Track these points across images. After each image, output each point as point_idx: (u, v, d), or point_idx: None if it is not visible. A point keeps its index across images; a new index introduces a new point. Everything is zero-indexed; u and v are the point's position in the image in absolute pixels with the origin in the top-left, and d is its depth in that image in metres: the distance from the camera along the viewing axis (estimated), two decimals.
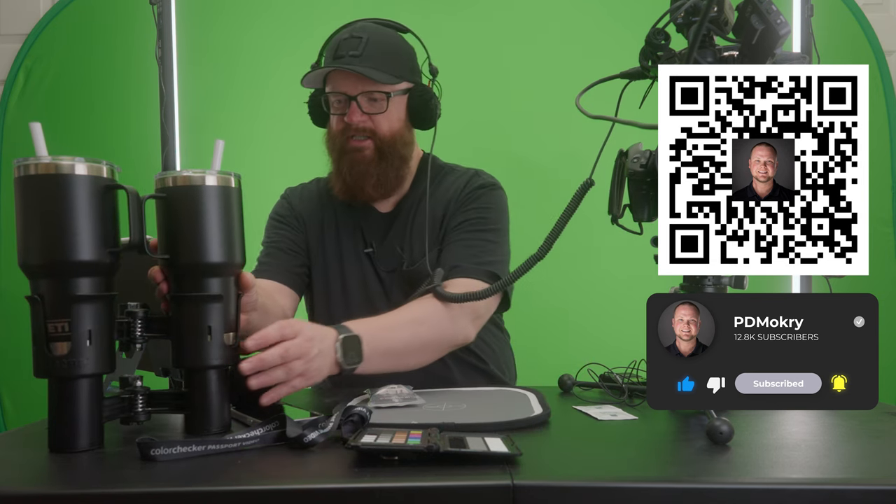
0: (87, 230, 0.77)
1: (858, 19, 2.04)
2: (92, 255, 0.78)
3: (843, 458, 0.82)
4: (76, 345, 0.78)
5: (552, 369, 1.41)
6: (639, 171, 1.03)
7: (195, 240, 0.83)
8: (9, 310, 2.11)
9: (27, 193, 0.79)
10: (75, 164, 0.78)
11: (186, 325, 0.85)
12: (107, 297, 0.80)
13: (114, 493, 0.69)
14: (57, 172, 0.77)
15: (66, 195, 0.77)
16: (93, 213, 0.78)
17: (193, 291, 0.84)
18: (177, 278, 0.85)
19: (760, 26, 0.91)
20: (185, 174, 0.83)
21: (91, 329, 0.79)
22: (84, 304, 0.78)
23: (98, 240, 0.78)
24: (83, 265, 0.78)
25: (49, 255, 0.78)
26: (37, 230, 0.78)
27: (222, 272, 0.85)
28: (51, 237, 0.77)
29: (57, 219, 0.77)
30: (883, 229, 2.05)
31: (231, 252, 0.84)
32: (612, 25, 2.03)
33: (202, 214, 0.82)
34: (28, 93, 2.12)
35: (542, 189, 1.85)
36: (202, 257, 0.83)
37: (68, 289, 0.78)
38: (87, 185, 0.78)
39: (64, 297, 0.78)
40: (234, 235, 0.84)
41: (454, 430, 0.84)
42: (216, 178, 0.83)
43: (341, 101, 1.36)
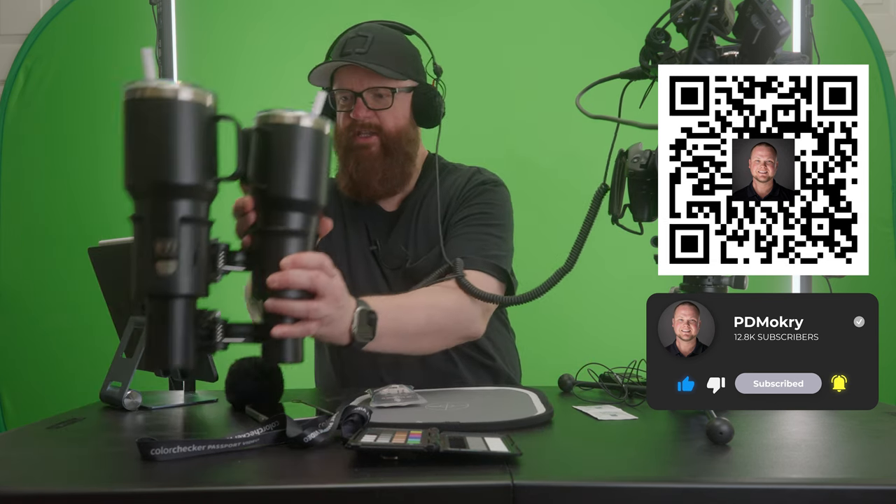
0: (195, 155, 0.80)
1: (858, 19, 2.04)
2: (198, 179, 0.80)
3: (843, 458, 0.82)
4: (181, 264, 0.80)
5: (552, 369, 1.41)
6: (639, 171, 1.03)
7: (288, 175, 0.85)
8: (9, 309, 2.11)
9: (136, 116, 0.80)
10: (182, 89, 0.79)
11: (269, 258, 0.87)
12: (208, 222, 0.84)
13: (114, 493, 0.69)
14: (169, 97, 0.79)
15: (177, 119, 0.79)
16: (200, 140, 0.81)
17: (279, 225, 0.86)
18: (264, 211, 0.87)
19: (760, 26, 0.91)
20: (288, 113, 0.86)
21: (194, 251, 0.81)
22: (188, 226, 0.81)
23: (204, 165, 0.81)
24: (190, 189, 0.80)
25: (159, 176, 0.79)
26: (147, 152, 0.80)
27: (308, 209, 0.87)
28: (162, 159, 0.79)
29: (168, 142, 0.79)
30: (883, 229, 2.05)
31: (318, 191, 0.87)
32: (612, 25, 2.03)
33: (297, 151, 0.85)
34: (28, 93, 2.12)
35: (542, 189, 1.85)
36: (292, 192, 0.85)
37: (174, 211, 0.80)
38: (195, 112, 0.80)
39: (170, 218, 0.80)
40: (322, 177, 0.87)
41: (454, 430, 0.84)
42: (312, 122, 0.86)
43: (347, 98, 1.37)
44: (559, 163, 2.03)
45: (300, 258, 0.86)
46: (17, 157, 2.12)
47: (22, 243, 2.12)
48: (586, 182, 1.20)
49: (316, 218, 0.89)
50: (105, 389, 1.15)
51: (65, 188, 2.11)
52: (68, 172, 2.11)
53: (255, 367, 1.08)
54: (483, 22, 2.05)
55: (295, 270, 0.86)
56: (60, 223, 2.10)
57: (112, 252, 1.26)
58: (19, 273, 2.11)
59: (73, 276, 2.01)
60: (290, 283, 0.87)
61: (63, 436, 0.95)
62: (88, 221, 2.08)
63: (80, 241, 1.52)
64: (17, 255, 2.11)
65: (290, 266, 0.86)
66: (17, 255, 2.11)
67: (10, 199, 2.12)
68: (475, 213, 1.37)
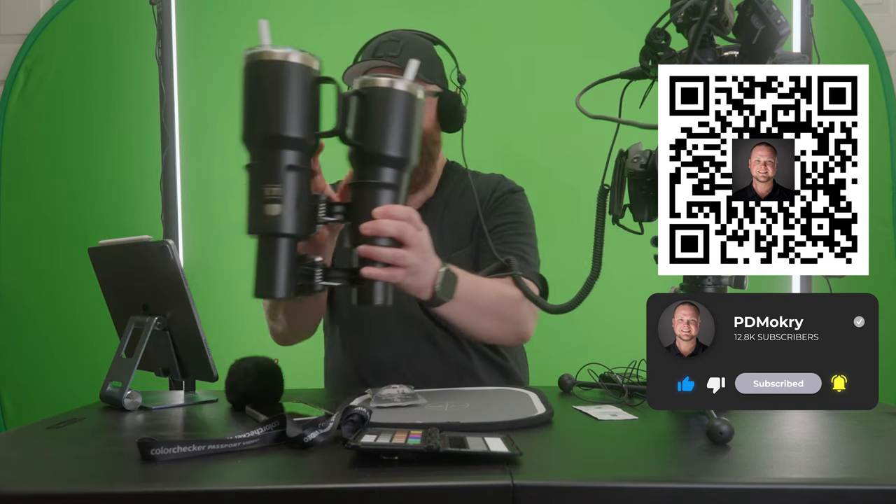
0: (300, 111, 0.91)
1: (858, 19, 2.04)
2: (303, 133, 0.91)
3: (843, 458, 0.82)
4: (286, 207, 0.92)
5: (552, 369, 1.41)
6: (639, 171, 1.03)
7: (382, 133, 0.95)
8: (9, 309, 2.11)
9: (252, 76, 0.93)
10: (291, 53, 0.91)
11: (363, 208, 0.96)
12: (310, 171, 0.95)
13: (114, 493, 0.69)
14: (280, 59, 0.91)
15: (286, 79, 0.91)
16: (305, 98, 0.92)
17: (373, 178, 0.96)
18: (360, 167, 0.97)
19: (760, 26, 0.91)
20: (386, 78, 0.96)
21: (297, 196, 0.92)
22: (293, 174, 0.92)
23: (308, 121, 0.92)
24: (295, 141, 0.91)
25: (270, 129, 0.91)
26: (260, 108, 0.93)
27: (399, 165, 0.97)
28: (274, 114, 0.91)
29: (279, 98, 0.91)
30: (883, 229, 2.06)
31: (409, 149, 0.97)
32: (612, 25, 2.03)
33: (390, 112, 0.95)
34: (28, 93, 2.12)
35: (542, 189, 1.85)
36: (385, 149, 0.95)
37: (282, 160, 0.91)
38: (302, 73, 0.92)
39: (279, 166, 0.91)
40: (413, 137, 0.97)
41: (454, 430, 0.84)
42: (406, 86, 0.96)
43: None
44: (560, 162, 2.03)
45: (390, 209, 0.96)
46: (17, 157, 2.12)
47: (22, 243, 2.12)
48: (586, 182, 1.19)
49: (407, 174, 0.98)
50: (105, 389, 1.15)
51: (65, 188, 2.11)
52: (68, 172, 2.11)
53: (255, 367, 1.08)
54: (483, 22, 2.05)
55: (385, 220, 0.95)
56: (61, 223, 2.10)
57: (112, 252, 1.26)
58: (19, 273, 2.11)
59: (73, 276, 2.02)
60: (381, 230, 0.96)
61: (63, 436, 0.95)
62: (89, 221, 2.08)
63: (80, 241, 1.52)
64: (17, 255, 2.11)
65: (382, 216, 0.95)
66: (18, 255, 2.11)
67: (10, 199, 2.12)
68: (509, 221, 1.42)
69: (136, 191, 2.08)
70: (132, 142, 2.09)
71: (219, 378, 1.15)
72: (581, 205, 1.85)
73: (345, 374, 1.44)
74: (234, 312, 2.03)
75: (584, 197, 1.13)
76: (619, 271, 1.90)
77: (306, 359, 1.50)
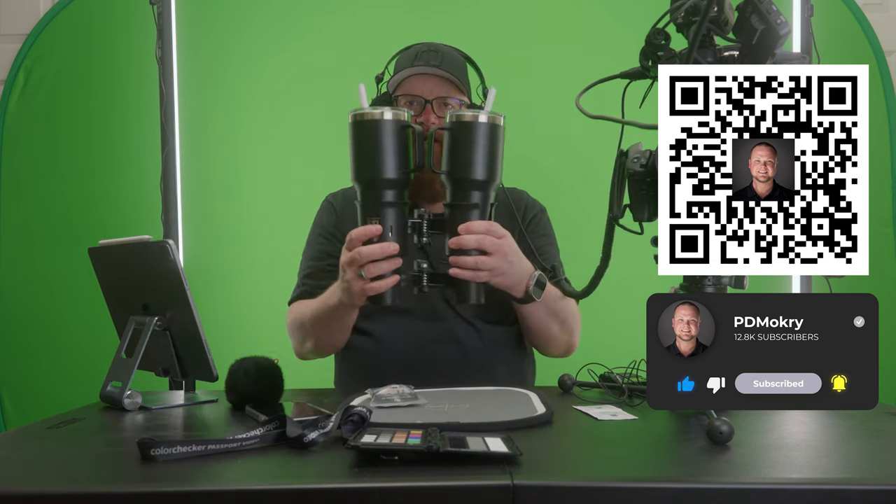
0: (392, 157, 1.13)
1: (858, 19, 2.03)
2: (396, 174, 1.14)
3: (843, 458, 0.82)
4: (384, 235, 1.15)
5: (552, 369, 1.41)
6: (639, 171, 1.03)
7: (469, 160, 1.14)
8: (9, 309, 2.11)
9: (357, 134, 1.14)
10: (385, 111, 1.14)
11: (453, 225, 1.16)
12: (403, 204, 1.16)
13: (114, 493, 0.69)
14: (378, 118, 1.13)
15: (381, 135, 1.13)
16: (396, 145, 1.13)
17: (461, 200, 1.16)
18: (452, 189, 1.17)
19: (760, 26, 0.91)
20: (469, 113, 1.15)
21: (392, 224, 1.15)
22: (390, 209, 1.15)
23: (399, 163, 1.14)
24: (391, 181, 1.14)
25: (368, 174, 1.14)
26: (359, 157, 1.15)
27: (485, 187, 1.16)
28: (372, 161, 1.14)
29: (375, 149, 1.13)
30: (883, 229, 2.05)
31: (494, 172, 1.15)
32: (612, 25, 2.03)
33: (476, 142, 1.14)
34: (28, 93, 2.11)
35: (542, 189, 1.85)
36: (472, 174, 1.14)
37: (380, 197, 1.15)
38: (393, 127, 1.13)
39: (377, 202, 1.15)
40: (496, 159, 1.15)
41: (454, 430, 0.84)
42: (487, 117, 1.14)
43: (414, 104, 1.43)
44: (560, 162, 2.03)
45: (471, 225, 1.15)
46: (17, 157, 2.12)
47: (22, 243, 2.11)
48: (587, 182, 1.20)
49: (493, 192, 1.17)
50: (105, 389, 1.15)
51: (65, 188, 2.11)
52: (68, 172, 2.11)
53: (255, 367, 1.09)
54: (483, 22, 2.05)
55: (466, 235, 1.14)
56: (61, 223, 2.10)
57: (112, 252, 1.26)
58: (19, 273, 2.11)
59: (73, 276, 2.01)
60: (462, 244, 1.15)
61: (63, 436, 0.95)
62: (89, 221, 2.08)
63: (80, 240, 1.52)
64: (17, 255, 2.11)
65: (464, 231, 1.15)
66: (18, 255, 2.11)
67: (10, 199, 2.12)
68: (546, 244, 1.52)
69: (136, 191, 2.08)
70: (132, 142, 2.09)
71: (219, 378, 1.15)
72: (581, 205, 1.85)
73: (361, 373, 1.45)
74: (233, 312, 2.03)
75: (584, 196, 1.13)
76: (619, 271, 1.90)
77: (311, 360, 1.50)
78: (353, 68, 2.03)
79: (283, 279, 1.57)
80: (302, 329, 1.42)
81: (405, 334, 1.42)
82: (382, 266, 1.14)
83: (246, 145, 2.07)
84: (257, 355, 1.11)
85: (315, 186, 1.67)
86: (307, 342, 1.43)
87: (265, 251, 2.06)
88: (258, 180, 2.08)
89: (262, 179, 2.08)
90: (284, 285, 1.53)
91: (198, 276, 1.97)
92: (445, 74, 1.42)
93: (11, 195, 2.12)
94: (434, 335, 1.42)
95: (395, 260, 1.14)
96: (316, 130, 2.05)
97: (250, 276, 2.06)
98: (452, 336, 1.42)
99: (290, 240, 1.64)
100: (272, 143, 2.07)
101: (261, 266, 2.06)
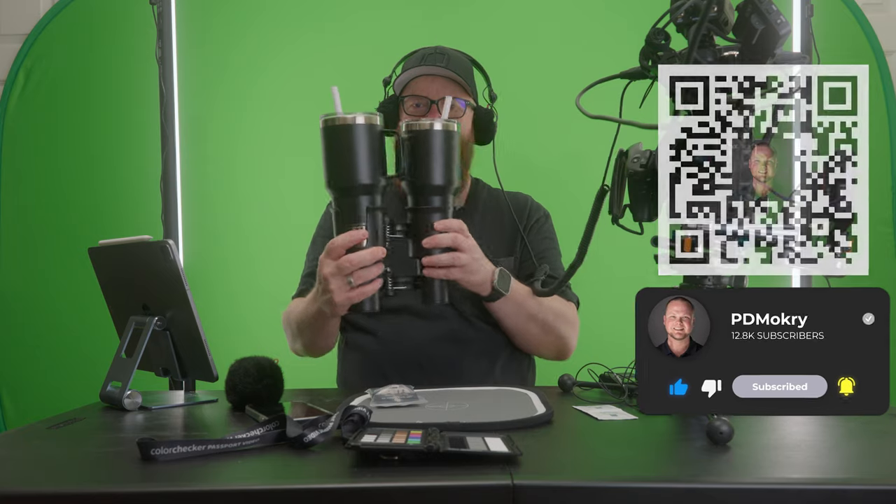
0: (369, 162, 1.12)
1: (858, 19, 2.03)
2: (374, 179, 1.12)
3: (843, 458, 0.82)
4: (367, 241, 1.13)
5: (552, 369, 1.41)
6: (639, 171, 1.03)
7: (427, 167, 1.14)
8: (9, 309, 2.11)
9: (330, 139, 1.12)
10: (357, 116, 1.11)
11: (419, 227, 1.17)
12: (383, 209, 1.15)
13: (114, 493, 0.69)
14: (349, 123, 1.11)
15: (355, 140, 1.11)
16: (371, 150, 1.11)
17: (424, 204, 1.16)
18: (414, 195, 1.17)
19: (760, 26, 0.91)
20: (426, 122, 1.14)
21: (375, 230, 1.13)
22: (370, 214, 1.13)
23: (377, 169, 1.12)
24: (369, 187, 1.12)
25: (345, 181, 1.12)
26: (335, 163, 1.12)
27: (444, 192, 1.16)
28: (346, 167, 1.11)
29: (349, 154, 1.11)
30: (883, 229, 2.05)
31: (451, 176, 1.16)
32: (612, 25, 2.03)
33: (432, 149, 1.14)
34: (28, 93, 2.11)
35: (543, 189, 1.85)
36: (432, 180, 1.14)
37: (361, 203, 1.13)
38: (368, 131, 1.11)
39: (359, 209, 1.13)
40: (453, 165, 1.16)
41: (454, 430, 0.84)
42: (441, 125, 1.14)
43: (420, 105, 1.45)
44: (560, 162, 2.03)
45: (447, 222, 1.16)
46: (17, 156, 2.12)
47: (22, 243, 2.11)
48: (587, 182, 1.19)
49: (452, 196, 1.18)
50: (105, 389, 1.15)
51: (65, 188, 2.11)
52: (68, 172, 2.11)
53: (255, 367, 1.09)
54: (483, 22, 2.05)
55: (443, 235, 1.15)
56: (61, 223, 2.10)
57: (112, 252, 1.26)
58: (19, 273, 2.11)
59: (73, 276, 2.01)
60: (438, 242, 1.16)
61: (63, 436, 0.95)
62: (89, 221, 2.08)
63: (80, 240, 1.52)
64: (17, 255, 2.11)
65: (441, 228, 1.15)
66: (18, 255, 2.11)
67: (10, 199, 2.12)
68: (550, 248, 1.54)
69: (135, 191, 2.08)
70: (132, 142, 2.09)
71: (219, 378, 1.15)
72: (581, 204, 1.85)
73: (363, 371, 1.46)
74: (233, 312, 2.03)
75: (584, 196, 1.13)
76: (619, 271, 1.90)
77: (311, 360, 1.50)
78: (353, 68, 2.04)
79: (282, 279, 1.57)
80: (290, 329, 1.45)
81: (407, 333, 1.43)
82: (372, 271, 1.12)
83: (246, 145, 2.07)
84: (257, 355, 1.11)
85: (315, 186, 1.66)
86: (297, 343, 1.46)
87: (265, 251, 2.06)
88: (258, 180, 2.08)
89: (262, 179, 2.08)
90: (284, 285, 1.53)
91: (198, 276, 1.97)
92: (451, 75, 1.43)
93: (11, 195, 2.12)
94: (435, 334, 1.42)
95: (380, 265, 1.13)
96: (316, 131, 2.04)
97: (250, 276, 2.06)
98: (453, 335, 1.43)
99: (290, 240, 1.65)
100: (272, 143, 2.07)
101: (261, 266, 2.06)
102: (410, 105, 1.46)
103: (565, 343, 1.45)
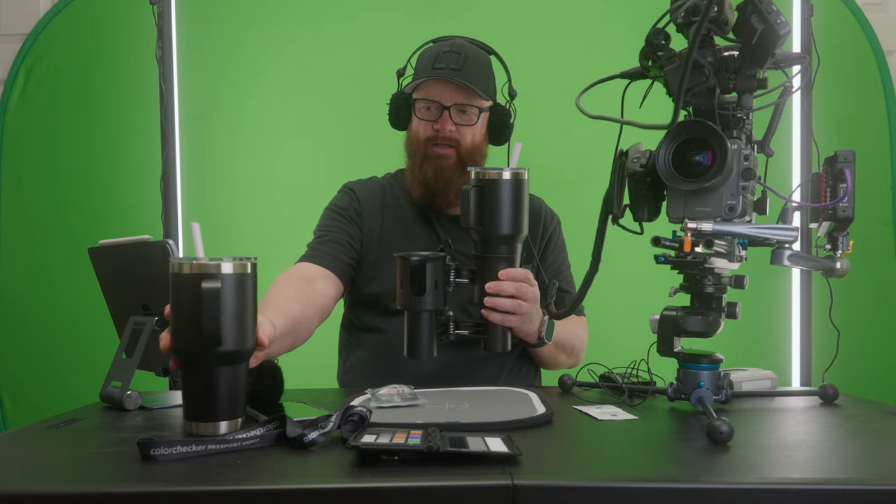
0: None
1: (858, 19, 2.03)
2: (234, 346, 0.87)
3: (843, 458, 0.82)
4: (427, 292, 1.15)
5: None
6: (639, 171, 1.03)
7: (495, 217, 1.16)
8: (9, 309, 2.11)
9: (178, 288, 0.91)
10: (222, 263, 0.93)
11: (485, 275, 1.18)
12: (443, 258, 1.17)
13: (114, 493, 0.69)
14: (205, 272, 0.91)
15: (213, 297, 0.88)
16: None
17: (491, 252, 1.18)
18: (482, 243, 1.18)
19: (760, 26, 0.91)
20: (494, 170, 1.16)
21: (435, 280, 1.15)
22: (431, 264, 1.15)
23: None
24: (224, 355, 0.87)
25: (193, 345, 0.86)
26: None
27: (511, 241, 1.18)
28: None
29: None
30: (883, 229, 2.05)
31: (520, 226, 1.17)
32: (612, 25, 2.03)
33: (500, 199, 1.16)
34: (28, 93, 2.11)
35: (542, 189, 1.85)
36: (500, 230, 1.16)
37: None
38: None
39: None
40: (522, 213, 1.17)
41: (454, 430, 0.84)
42: (510, 174, 1.16)
43: (432, 109, 1.42)
44: (560, 162, 2.03)
45: (511, 272, 1.18)
46: (17, 156, 2.12)
47: (22, 243, 2.11)
48: (588, 181, 1.20)
49: (519, 245, 1.20)
50: (105, 389, 1.15)
51: (65, 188, 2.11)
52: (68, 172, 2.11)
53: (255, 366, 1.08)
54: (483, 23, 2.05)
55: (506, 284, 1.17)
56: (61, 223, 2.10)
57: (112, 252, 1.26)
58: (19, 273, 2.11)
59: (73, 276, 2.01)
60: (501, 289, 1.17)
61: (63, 436, 0.95)
62: (89, 221, 2.08)
63: (80, 240, 1.52)
64: (17, 255, 2.11)
65: (505, 277, 1.17)
66: (18, 255, 2.11)
67: (10, 199, 2.12)
68: (562, 260, 1.55)
69: (135, 191, 2.08)
70: (132, 142, 2.09)
71: None
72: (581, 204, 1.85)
73: (368, 366, 1.46)
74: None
75: (585, 196, 1.13)
76: (619, 271, 1.90)
77: (311, 360, 1.50)
78: (353, 68, 2.04)
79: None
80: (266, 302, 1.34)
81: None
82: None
83: (246, 145, 2.07)
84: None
85: (315, 186, 1.67)
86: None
87: (265, 251, 2.05)
88: (258, 180, 2.08)
89: (262, 179, 2.08)
90: None
91: None
92: (465, 83, 1.39)
93: (11, 195, 2.12)
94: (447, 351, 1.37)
95: None
96: (316, 131, 2.05)
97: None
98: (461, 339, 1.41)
99: (289, 239, 1.64)
100: (272, 143, 2.07)
101: (260, 266, 2.05)
102: (422, 108, 1.43)
103: (579, 359, 1.48)
